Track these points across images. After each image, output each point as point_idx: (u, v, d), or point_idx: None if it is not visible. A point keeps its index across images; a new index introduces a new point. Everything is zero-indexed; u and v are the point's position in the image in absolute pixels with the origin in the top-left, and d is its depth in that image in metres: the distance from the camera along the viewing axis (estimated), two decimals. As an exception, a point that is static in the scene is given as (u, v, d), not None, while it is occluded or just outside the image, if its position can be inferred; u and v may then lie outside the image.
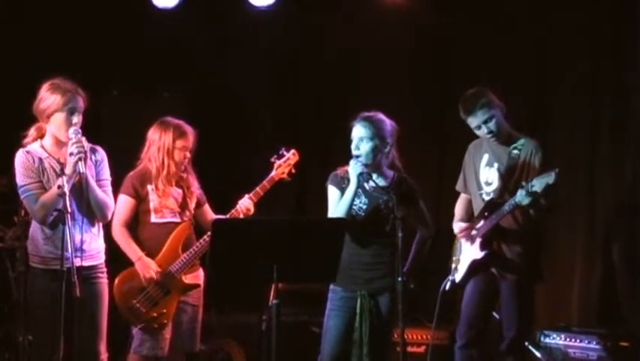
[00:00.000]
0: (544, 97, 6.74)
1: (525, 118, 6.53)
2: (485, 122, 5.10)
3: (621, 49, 6.37)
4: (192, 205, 5.25)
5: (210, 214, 5.36)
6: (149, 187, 5.14)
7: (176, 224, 5.18)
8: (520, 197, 4.85)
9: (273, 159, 5.34)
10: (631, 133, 6.31)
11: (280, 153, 5.38)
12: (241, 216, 5.15)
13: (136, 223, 5.18)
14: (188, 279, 5.17)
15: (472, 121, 5.13)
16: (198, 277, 5.22)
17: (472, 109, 5.09)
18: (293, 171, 5.37)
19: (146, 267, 5.06)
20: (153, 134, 5.20)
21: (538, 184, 4.78)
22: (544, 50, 6.70)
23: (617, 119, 6.39)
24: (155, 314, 5.08)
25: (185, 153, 5.18)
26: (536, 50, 6.74)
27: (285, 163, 5.35)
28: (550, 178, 4.75)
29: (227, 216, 5.17)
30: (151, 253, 5.13)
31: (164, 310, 5.10)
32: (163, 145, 5.14)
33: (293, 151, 5.40)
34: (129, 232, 5.14)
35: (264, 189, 5.26)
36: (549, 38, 6.68)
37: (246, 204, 5.20)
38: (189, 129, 5.21)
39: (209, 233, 5.10)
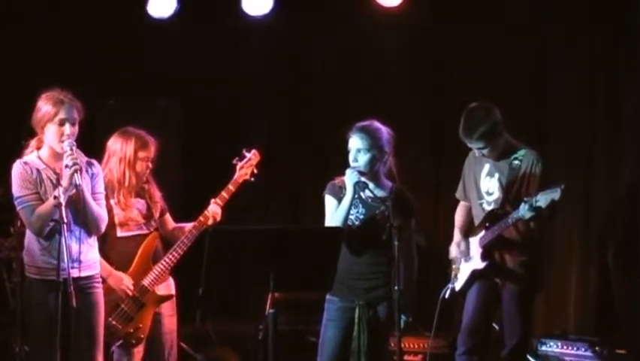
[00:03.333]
0: (540, 103, 6.74)
1: (521, 125, 6.54)
2: (479, 148, 5.13)
3: (619, 51, 6.37)
4: (157, 215, 5.19)
5: (171, 223, 5.30)
6: (112, 201, 5.03)
7: (144, 236, 5.11)
8: (524, 211, 4.86)
9: (234, 161, 5.30)
10: (627, 140, 6.31)
11: (241, 154, 5.33)
12: (210, 222, 5.10)
13: (101, 239, 4.93)
14: (160, 290, 5.12)
15: (467, 142, 5.16)
16: (170, 287, 5.18)
17: (470, 136, 5.09)
18: (255, 171, 5.31)
19: (120, 281, 4.99)
20: (114, 144, 5.10)
21: (542, 199, 4.78)
22: (542, 52, 6.71)
23: (613, 125, 6.39)
24: (131, 330, 5.01)
25: (147, 163, 5.09)
26: (535, 53, 6.75)
27: (246, 164, 5.30)
28: (555, 194, 4.75)
29: (195, 223, 5.11)
30: (121, 267, 5.03)
31: (140, 325, 5.03)
32: (124, 156, 5.04)
33: (254, 151, 5.34)
34: (100, 248, 4.99)
35: (229, 192, 5.21)
36: (547, 40, 6.68)
37: (214, 209, 5.15)
38: (151, 140, 5.12)
39: (179, 242, 5.09)
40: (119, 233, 5.07)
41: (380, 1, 6.71)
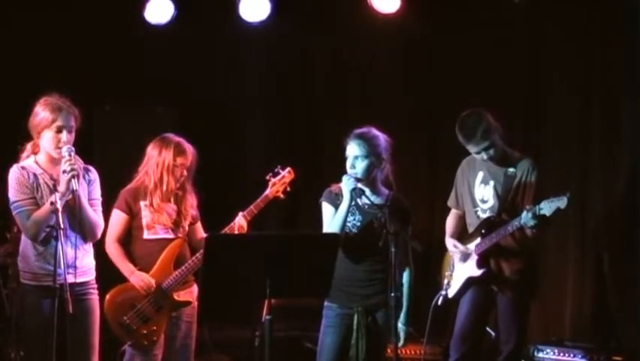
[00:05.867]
0: (535, 112, 6.75)
1: (517, 133, 6.56)
2: (485, 149, 5.12)
3: (614, 59, 6.38)
4: (187, 223, 5.21)
5: (201, 233, 5.31)
6: (142, 203, 5.11)
7: (169, 240, 5.13)
8: (526, 219, 4.87)
9: (268, 177, 5.26)
10: (622, 149, 6.32)
11: (275, 170, 5.28)
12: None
13: (130, 239, 5.14)
14: (181, 296, 5.13)
15: (472, 148, 5.16)
16: (192, 293, 5.19)
17: (472, 138, 5.10)
18: (288, 189, 5.29)
19: (142, 279, 5.04)
20: (153, 149, 5.15)
21: (547, 208, 4.79)
22: (537, 59, 6.72)
23: (609, 133, 6.39)
24: (145, 331, 5.04)
25: (183, 170, 5.12)
26: (530, 59, 6.76)
27: (280, 181, 5.26)
28: (562, 203, 4.77)
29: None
30: (145, 269, 5.09)
31: (155, 327, 5.06)
32: (163, 161, 5.08)
33: (288, 169, 5.30)
34: (122, 248, 5.10)
35: (258, 207, 5.20)
36: (543, 47, 6.69)
37: (240, 222, 5.15)
38: (189, 148, 5.16)
39: (201, 250, 5.11)
40: (145, 235, 5.11)
41: (378, 7, 6.73)
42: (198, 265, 5.04)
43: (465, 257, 5.23)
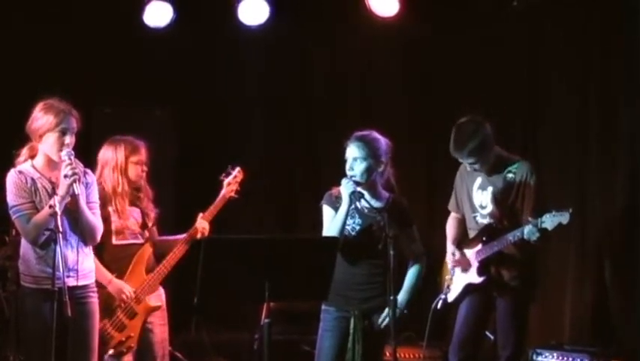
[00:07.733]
0: (534, 114, 6.75)
1: (516, 136, 6.55)
2: (470, 164, 5.13)
3: (612, 59, 6.38)
4: (151, 223, 5.21)
5: (155, 234, 5.30)
6: (110, 209, 5.06)
7: (138, 245, 5.12)
8: (529, 233, 4.85)
9: (221, 177, 5.34)
10: (621, 149, 6.31)
11: (227, 171, 5.37)
12: (199, 236, 5.12)
13: (98, 245, 4.96)
14: (152, 300, 5.13)
15: (458, 159, 5.17)
16: (160, 296, 5.20)
17: (460, 151, 5.09)
18: (239, 188, 5.37)
19: (120, 289, 5.02)
20: (105, 153, 5.13)
21: (549, 222, 4.78)
22: (536, 62, 6.71)
23: (608, 136, 6.39)
24: (123, 338, 5.03)
25: (142, 167, 5.11)
26: (528, 60, 6.76)
27: (233, 181, 5.34)
28: (564, 218, 4.75)
29: (186, 235, 5.15)
30: (115, 276, 5.06)
31: (132, 334, 5.05)
32: (116, 163, 5.07)
33: (238, 169, 5.40)
34: (95, 255, 5.03)
35: (217, 208, 5.27)
36: (541, 50, 6.69)
37: (202, 225, 5.18)
38: (141, 143, 5.15)
39: (171, 254, 5.12)
40: (115, 241, 5.08)
41: (377, 10, 6.71)
42: (170, 270, 5.11)
43: (463, 268, 5.21)
